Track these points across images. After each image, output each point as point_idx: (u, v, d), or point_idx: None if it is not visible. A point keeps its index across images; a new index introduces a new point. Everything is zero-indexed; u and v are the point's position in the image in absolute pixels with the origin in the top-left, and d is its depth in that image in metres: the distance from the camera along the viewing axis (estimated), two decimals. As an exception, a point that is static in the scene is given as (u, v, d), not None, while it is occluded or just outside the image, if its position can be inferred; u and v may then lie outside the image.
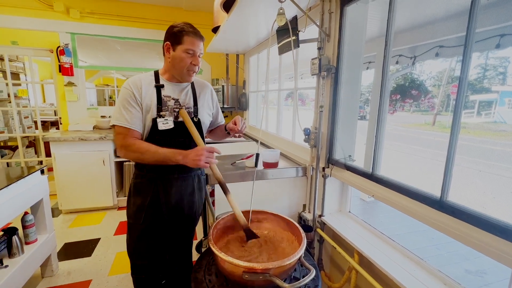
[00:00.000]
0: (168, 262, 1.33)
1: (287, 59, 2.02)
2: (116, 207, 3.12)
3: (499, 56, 2.49)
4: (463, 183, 1.12)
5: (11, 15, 2.94)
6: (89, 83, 4.40)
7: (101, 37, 3.29)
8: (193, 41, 1.12)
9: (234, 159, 1.93)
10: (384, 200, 1.26)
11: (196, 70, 1.19)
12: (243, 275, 0.82)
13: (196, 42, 1.13)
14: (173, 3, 3.33)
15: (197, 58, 1.16)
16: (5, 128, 3.54)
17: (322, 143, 1.68)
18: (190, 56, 1.14)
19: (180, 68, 1.15)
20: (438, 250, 2.61)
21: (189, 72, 1.17)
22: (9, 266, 1.50)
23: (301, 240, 0.96)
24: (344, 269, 1.57)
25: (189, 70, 1.16)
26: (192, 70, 1.17)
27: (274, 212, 1.15)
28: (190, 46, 1.12)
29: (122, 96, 1.14)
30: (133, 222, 1.23)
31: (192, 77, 1.22)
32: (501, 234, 0.82)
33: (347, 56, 1.53)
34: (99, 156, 2.88)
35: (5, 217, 1.45)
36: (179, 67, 1.15)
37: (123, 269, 2.04)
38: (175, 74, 1.19)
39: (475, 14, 0.91)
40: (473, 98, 3.83)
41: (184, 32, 1.11)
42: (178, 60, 1.14)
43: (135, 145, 1.10)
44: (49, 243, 1.87)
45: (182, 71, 1.16)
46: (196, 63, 1.16)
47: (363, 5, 1.48)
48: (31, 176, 1.71)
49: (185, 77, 1.19)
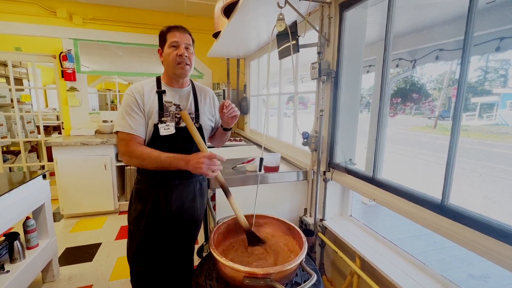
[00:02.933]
0: (168, 268, 1.32)
1: (288, 63, 2.03)
2: (117, 212, 3.12)
3: (499, 59, 2.49)
4: (464, 186, 1.12)
5: (15, 22, 2.98)
6: (91, 88, 4.45)
7: (103, 43, 3.33)
8: (174, 34, 1.14)
9: (235, 163, 1.94)
10: (385, 204, 1.26)
11: (185, 61, 1.15)
12: (244, 280, 0.81)
13: (176, 33, 1.14)
14: (174, 8, 3.37)
15: (182, 48, 1.14)
16: (8, 133, 3.56)
17: (323, 146, 1.68)
18: (175, 49, 1.14)
19: (170, 65, 1.16)
20: (441, 254, 2.58)
21: (179, 65, 1.15)
22: (10, 271, 1.50)
23: (302, 245, 0.95)
24: (346, 273, 1.56)
25: (178, 62, 1.14)
26: (180, 62, 1.14)
27: (275, 216, 1.15)
28: (172, 39, 1.13)
29: (125, 103, 1.14)
30: (133, 228, 1.23)
31: (186, 70, 1.16)
32: (503, 238, 0.81)
33: (346, 60, 1.54)
34: (101, 160, 2.89)
35: (7, 222, 1.45)
36: (169, 64, 1.16)
37: (124, 274, 2.03)
38: (170, 74, 1.19)
39: (472, 18, 0.92)
40: (475, 101, 3.82)
41: (165, 30, 1.16)
42: (166, 57, 1.15)
43: (137, 151, 1.10)
44: (51, 248, 1.87)
45: (173, 67, 1.15)
46: (181, 53, 1.13)
47: (362, 10, 1.49)
48: (33, 181, 1.71)
49: (177, 72, 1.16)
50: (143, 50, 3.51)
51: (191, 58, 1.18)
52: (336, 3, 1.51)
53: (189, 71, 1.19)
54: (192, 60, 1.19)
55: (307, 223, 1.77)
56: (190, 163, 1.04)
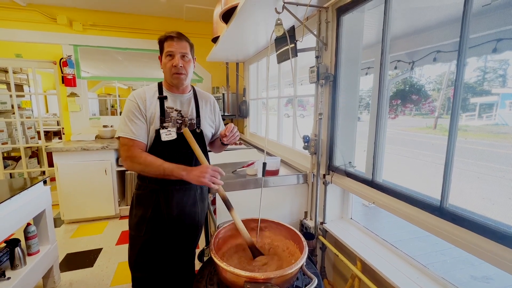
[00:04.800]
0: (170, 273, 1.32)
1: (286, 66, 2.05)
2: (118, 217, 3.12)
3: (498, 59, 2.50)
4: (463, 188, 1.12)
5: (16, 29, 3.01)
6: (91, 93, 4.46)
7: (103, 48, 3.35)
8: (169, 44, 1.14)
9: (235, 167, 1.94)
10: (385, 207, 1.26)
11: (181, 71, 1.15)
12: (245, 285, 0.81)
13: (172, 43, 1.13)
14: (173, 14, 3.40)
15: (177, 59, 1.14)
16: (9, 139, 3.57)
17: (322, 150, 1.68)
18: (170, 59, 1.15)
19: (167, 74, 1.18)
20: (442, 255, 2.57)
21: (175, 76, 1.15)
22: (11, 278, 1.50)
23: (303, 249, 0.96)
24: (347, 277, 1.56)
25: (173, 73, 1.15)
26: (176, 72, 1.14)
27: (275, 220, 1.15)
28: (168, 48, 1.14)
29: (127, 108, 1.15)
30: (134, 233, 1.24)
31: (182, 80, 1.17)
32: (501, 240, 0.81)
33: (344, 64, 1.55)
34: (101, 165, 2.89)
35: (8, 228, 1.46)
36: (166, 73, 1.18)
37: (125, 279, 2.02)
38: (168, 82, 1.21)
39: (467, 21, 0.93)
40: (474, 101, 3.83)
41: (162, 39, 1.16)
42: (163, 66, 1.17)
43: (140, 158, 1.11)
44: (51, 254, 1.87)
45: (170, 76, 1.17)
46: (175, 64, 1.13)
47: (359, 14, 1.51)
48: (33, 187, 1.72)
49: (174, 82, 1.18)
50: (143, 55, 3.54)
51: (186, 66, 1.17)
52: (333, 7, 1.53)
53: (184, 80, 1.19)
54: (188, 69, 1.18)
55: (307, 226, 1.77)
56: (192, 173, 1.04)
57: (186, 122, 1.23)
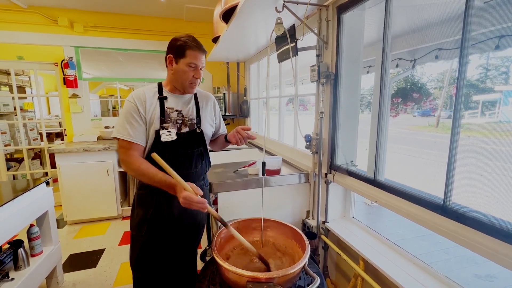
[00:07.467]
0: (172, 273, 1.32)
1: (287, 65, 2.04)
2: (120, 217, 3.13)
3: (501, 56, 2.48)
4: (467, 186, 1.11)
5: (17, 31, 3.03)
6: (93, 94, 4.47)
7: (104, 50, 3.36)
8: (195, 55, 1.13)
9: (236, 166, 1.94)
10: (387, 206, 1.25)
11: (198, 82, 1.21)
12: (247, 284, 0.81)
13: (198, 56, 1.14)
14: (174, 14, 3.40)
15: (199, 71, 1.18)
16: (11, 141, 3.59)
17: (324, 149, 1.68)
18: (193, 70, 1.15)
19: (182, 81, 1.17)
20: (446, 254, 2.56)
21: (191, 85, 1.19)
22: (15, 279, 1.51)
23: (305, 248, 0.95)
24: (350, 276, 1.55)
25: (191, 83, 1.18)
26: (194, 83, 1.19)
27: (277, 219, 1.15)
28: (193, 60, 1.13)
29: (125, 109, 1.15)
30: (135, 233, 1.24)
31: (195, 89, 1.24)
32: (506, 238, 0.81)
33: (345, 63, 1.55)
34: (103, 166, 2.90)
35: (11, 230, 1.46)
36: (181, 80, 1.17)
37: (127, 280, 2.03)
38: (177, 86, 1.21)
39: (469, 18, 0.92)
40: (477, 99, 3.80)
41: (187, 46, 1.12)
42: (181, 73, 1.15)
43: (135, 164, 1.10)
44: (55, 255, 1.88)
45: (185, 84, 1.18)
46: (198, 76, 1.18)
47: (360, 12, 1.50)
48: (36, 188, 1.73)
49: (187, 89, 1.21)
50: (144, 56, 3.54)
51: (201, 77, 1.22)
52: (334, 6, 1.52)
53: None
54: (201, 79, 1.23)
55: (309, 225, 1.77)
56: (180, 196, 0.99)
57: (186, 122, 1.23)
